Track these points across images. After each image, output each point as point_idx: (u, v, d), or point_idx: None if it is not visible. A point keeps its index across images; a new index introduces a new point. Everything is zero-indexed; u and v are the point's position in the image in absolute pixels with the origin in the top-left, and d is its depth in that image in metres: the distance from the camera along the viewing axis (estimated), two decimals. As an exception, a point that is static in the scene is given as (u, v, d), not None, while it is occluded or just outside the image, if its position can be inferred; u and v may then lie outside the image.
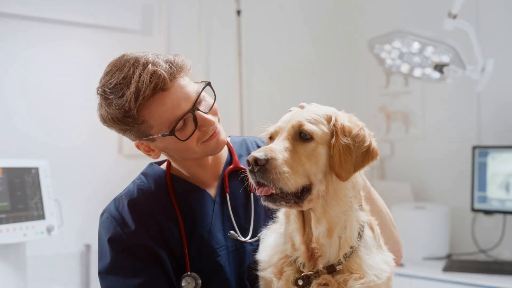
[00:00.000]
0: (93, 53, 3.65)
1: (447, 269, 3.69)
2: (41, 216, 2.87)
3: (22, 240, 2.77)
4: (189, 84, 1.67)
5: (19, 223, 2.76)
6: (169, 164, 1.82)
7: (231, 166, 1.85)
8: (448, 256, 4.05)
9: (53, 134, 3.49)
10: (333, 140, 1.50)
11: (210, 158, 1.79)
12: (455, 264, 3.79)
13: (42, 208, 2.89)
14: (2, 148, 3.26)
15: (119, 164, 3.72)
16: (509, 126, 4.02)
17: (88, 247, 3.56)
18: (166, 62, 1.63)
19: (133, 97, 1.59)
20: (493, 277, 3.51)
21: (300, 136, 1.51)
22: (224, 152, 1.87)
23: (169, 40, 3.88)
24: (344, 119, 1.55)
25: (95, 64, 3.65)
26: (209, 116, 1.67)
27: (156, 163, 1.87)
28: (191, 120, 1.64)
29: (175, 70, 1.63)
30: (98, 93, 1.68)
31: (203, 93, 1.70)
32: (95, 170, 3.64)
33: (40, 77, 3.48)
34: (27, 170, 2.86)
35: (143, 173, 1.84)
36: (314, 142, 1.50)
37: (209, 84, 1.72)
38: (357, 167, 1.51)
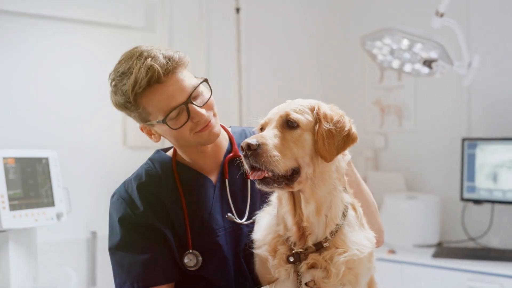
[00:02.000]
0: (99, 49, 3.77)
1: (436, 255, 3.82)
2: (51, 203, 3.00)
3: (34, 225, 2.90)
4: (187, 79, 1.81)
5: (30, 209, 2.89)
6: (175, 152, 1.96)
7: (231, 154, 1.97)
8: (439, 244, 4.17)
9: (62, 127, 3.61)
10: (317, 126, 1.65)
11: (209, 146, 1.91)
12: (444, 250, 3.92)
13: (52, 196, 3.02)
14: (15, 139, 3.39)
15: (123, 155, 3.85)
16: (497, 119, 4.13)
17: (94, 234, 3.69)
18: (165, 57, 1.77)
19: (131, 87, 1.75)
20: (480, 263, 3.63)
21: (288, 124, 1.64)
22: (225, 141, 1.99)
23: (171, 37, 3.98)
24: (326, 108, 1.69)
25: (100, 60, 3.78)
26: (202, 110, 1.80)
27: (162, 150, 2.01)
28: (184, 112, 1.78)
29: (171, 65, 1.77)
30: (109, 79, 1.85)
31: (201, 88, 1.83)
32: (101, 160, 3.77)
33: (49, 73, 3.59)
34: (38, 160, 2.99)
35: (151, 159, 1.98)
36: (300, 129, 1.64)
37: (206, 80, 1.86)
38: (339, 149, 1.65)
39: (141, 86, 1.75)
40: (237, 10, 4.24)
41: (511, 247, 3.98)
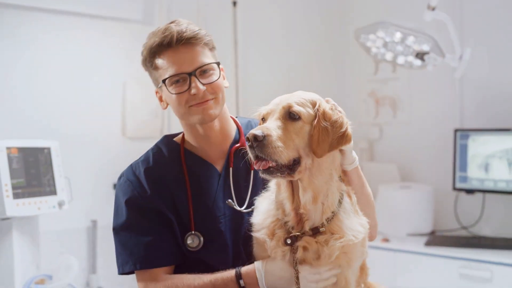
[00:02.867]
0: (98, 42, 3.84)
1: (428, 243, 3.89)
2: (53, 192, 3.06)
3: (36, 213, 2.96)
4: (203, 56, 1.90)
5: (33, 197, 2.94)
6: (183, 139, 2.03)
7: (238, 144, 2.03)
8: (432, 233, 4.24)
9: (63, 118, 3.69)
10: (315, 121, 1.72)
11: (215, 132, 1.98)
12: (436, 239, 3.99)
13: (54, 185, 3.07)
14: (18, 130, 3.46)
15: (123, 145, 3.92)
16: (489, 111, 4.19)
17: (94, 222, 3.77)
18: (187, 28, 1.89)
19: (148, 44, 1.90)
20: (471, 251, 3.70)
21: (290, 116, 1.72)
22: (232, 131, 2.06)
23: (169, 30, 4.07)
24: (327, 106, 1.76)
25: (100, 53, 3.86)
26: (202, 87, 1.87)
27: (169, 135, 2.07)
28: (187, 82, 1.87)
29: (187, 34, 1.87)
30: None
31: (214, 70, 1.92)
32: (100, 150, 3.84)
33: (50, 67, 3.66)
34: (40, 150, 3.04)
35: (158, 144, 2.04)
36: (301, 121, 1.72)
37: (218, 63, 1.95)
38: (332, 147, 1.73)
39: (155, 42, 1.87)
40: (234, 3, 4.29)
41: (502, 235, 4.05)
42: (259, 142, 1.64)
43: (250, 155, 1.69)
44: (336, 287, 1.81)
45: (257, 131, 1.65)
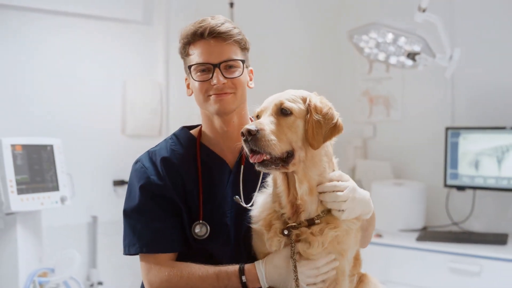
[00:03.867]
0: (99, 42, 3.92)
1: (420, 238, 3.98)
2: (56, 188, 3.15)
3: (40, 208, 3.05)
4: (231, 52, 2.01)
5: (37, 193, 3.03)
6: (200, 133, 2.11)
7: None
8: (424, 228, 4.31)
9: (65, 116, 3.76)
10: (308, 116, 1.81)
11: (233, 128, 2.05)
12: (428, 234, 4.08)
13: (57, 181, 3.17)
14: (22, 128, 3.53)
15: (122, 143, 4.00)
16: (480, 109, 4.28)
17: (95, 218, 3.85)
18: (222, 23, 2.00)
19: (184, 32, 2.02)
20: (461, 245, 3.78)
21: (282, 112, 1.81)
22: None
23: (168, 30, 4.12)
24: (316, 100, 1.86)
25: (100, 52, 3.92)
26: (223, 79, 1.98)
27: (186, 127, 2.15)
28: (211, 72, 1.98)
29: (220, 29, 1.98)
30: None
31: (239, 68, 2.03)
32: (101, 148, 3.91)
33: (51, 67, 3.73)
34: (43, 147, 3.14)
35: (176, 135, 2.12)
36: (293, 116, 1.80)
37: (243, 61, 2.06)
38: (326, 138, 1.82)
39: (190, 30, 2.00)
40: (231, 4, 4.32)
41: (491, 230, 4.14)
42: (253, 136, 1.73)
43: (245, 149, 1.77)
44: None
45: (250, 126, 1.74)
